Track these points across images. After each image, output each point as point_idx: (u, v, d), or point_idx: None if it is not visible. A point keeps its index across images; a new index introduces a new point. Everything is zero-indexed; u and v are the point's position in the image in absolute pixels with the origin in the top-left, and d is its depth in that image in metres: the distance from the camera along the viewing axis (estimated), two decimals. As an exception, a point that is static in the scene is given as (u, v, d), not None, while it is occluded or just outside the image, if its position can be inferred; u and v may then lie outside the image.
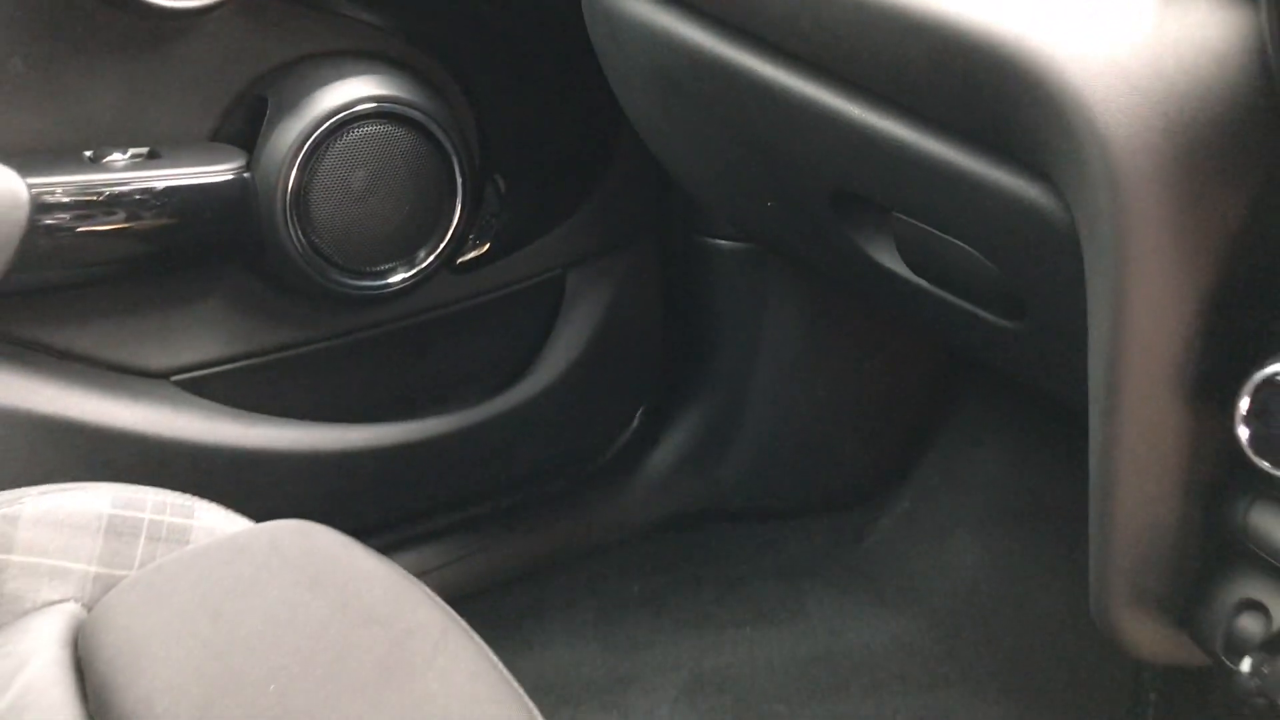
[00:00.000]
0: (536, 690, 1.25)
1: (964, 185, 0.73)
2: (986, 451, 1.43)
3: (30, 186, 0.94)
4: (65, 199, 0.97)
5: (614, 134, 1.24)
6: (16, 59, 0.97)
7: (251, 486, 1.13)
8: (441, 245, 1.12)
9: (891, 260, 0.89)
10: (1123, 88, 0.56)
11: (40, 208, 0.96)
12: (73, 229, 0.98)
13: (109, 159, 1.00)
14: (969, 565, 1.39)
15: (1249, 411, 0.53)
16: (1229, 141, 0.55)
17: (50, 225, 0.97)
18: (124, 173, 0.99)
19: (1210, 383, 0.57)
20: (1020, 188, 0.69)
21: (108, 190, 0.99)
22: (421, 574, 1.28)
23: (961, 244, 0.79)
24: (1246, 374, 0.54)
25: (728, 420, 1.40)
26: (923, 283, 0.88)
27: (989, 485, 1.42)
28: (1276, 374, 0.52)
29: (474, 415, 1.25)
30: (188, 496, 0.84)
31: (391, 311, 1.18)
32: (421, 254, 1.12)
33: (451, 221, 1.12)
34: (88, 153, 1.00)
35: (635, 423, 1.41)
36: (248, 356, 1.13)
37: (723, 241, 1.31)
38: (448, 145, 1.10)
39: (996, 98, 0.63)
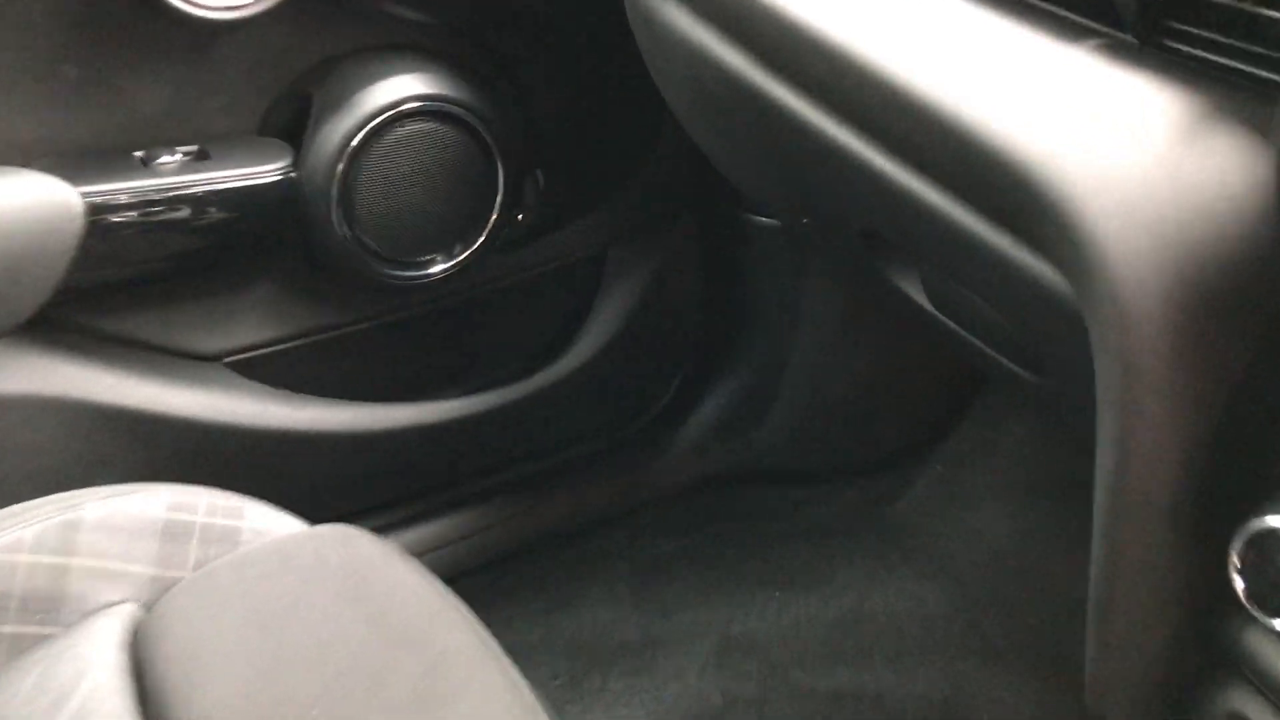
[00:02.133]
0: (572, 650, 1.30)
1: (987, 255, 0.73)
2: (1019, 424, 1.43)
3: (84, 195, 0.97)
4: (118, 204, 1.00)
5: (658, 117, 1.23)
6: (69, 66, 0.99)
7: (300, 464, 1.17)
8: (480, 239, 1.14)
9: (919, 296, 0.90)
10: (1137, 230, 0.56)
11: (95, 212, 0.99)
12: (127, 231, 1.01)
13: (159, 161, 1.02)
14: (996, 536, 1.41)
15: (1243, 564, 0.54)
16: (1239, 291, 0.54)
17: (106, 228, 1.00)
18: (174, 177, 1.02)
19: (1206, 523, 0.58)
20: (1043, 273, 0.69)
21: (159, 195, 1.01)
22: (466, 537, 1.33)
23: (983, 302, 0.80)
24: (1243, 519, 0.55)
25: (764, 388, 1.41)
26: (949, 322, 0.88)
27: (1020, 458, 1.43)
28: (1270, 527, 0.53)
29: (516, 391, 1.28)
30: (238, 496, 0.88)
31: (435, 291, 1.20)
32: (459, 247, 1.14)
33: (490, 215, 1.14)
34: (139, 153, 1.03)
35: (672, 391, 1.43)
36: (296, 338, 1.17)
37: (765, 220, 1.31)
38: (490, 142, 1.11)
39: (1018, 205, 0.63)
